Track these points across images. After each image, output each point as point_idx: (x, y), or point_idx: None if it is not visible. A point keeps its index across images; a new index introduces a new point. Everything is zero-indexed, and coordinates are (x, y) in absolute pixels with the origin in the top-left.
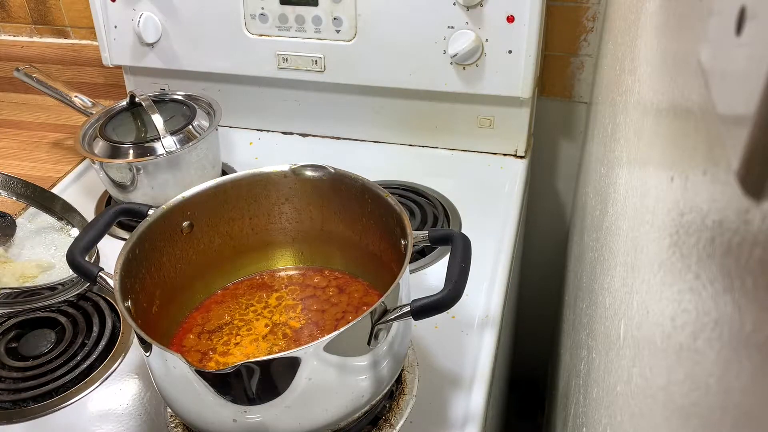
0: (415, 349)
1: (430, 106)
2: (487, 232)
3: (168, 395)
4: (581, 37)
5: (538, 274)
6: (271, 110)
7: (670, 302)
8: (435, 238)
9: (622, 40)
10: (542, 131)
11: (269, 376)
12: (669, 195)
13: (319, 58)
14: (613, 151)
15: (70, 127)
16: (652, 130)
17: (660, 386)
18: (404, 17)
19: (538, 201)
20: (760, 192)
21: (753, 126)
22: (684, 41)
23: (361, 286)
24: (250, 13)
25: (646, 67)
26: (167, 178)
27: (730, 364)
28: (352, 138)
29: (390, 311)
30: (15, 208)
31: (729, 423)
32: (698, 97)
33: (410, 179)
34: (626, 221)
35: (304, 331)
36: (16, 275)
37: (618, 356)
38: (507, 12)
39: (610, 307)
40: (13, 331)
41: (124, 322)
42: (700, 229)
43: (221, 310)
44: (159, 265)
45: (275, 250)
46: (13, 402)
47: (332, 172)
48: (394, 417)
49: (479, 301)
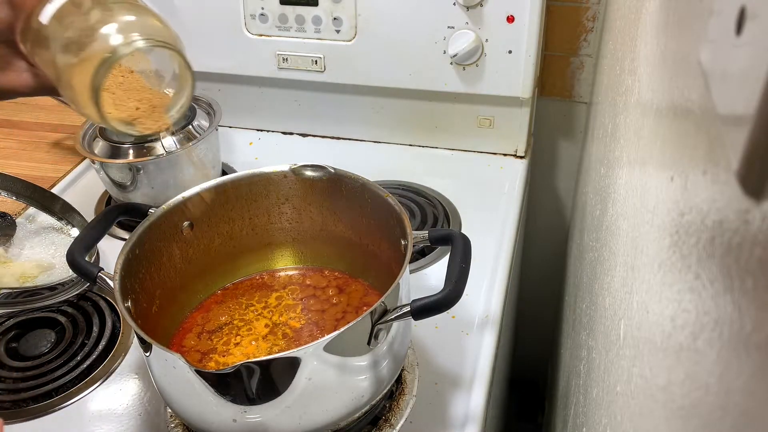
0: (415, 349)
1: (430, 106)
2: (487, 232)
3: (168, 395)
4: (581, 37)
5: (538, 274)
6: (271, 110)
7: (670, 302)
8: (435, 238)
9: (622, 40)
10: (542, 131)
11: (269, 376)
12: (669, 195)
13: (319, 58)
14: (613, 151)
15: (70, 127)
16: (652, 130)
17: (660, 386)
18: (404, 17)
19: (538, 201)
20: (760, 192)
21: (753, 126)
22: (684, 41)
23: (361, 286)
24: (250, 13)
25: (646, 67)
26: (167, 178)
27: (730, 364)
28: (352, 138)
29: (390, 311)
30: (15, 208)
31: (729, 423)
32: (698, 97)
33: (410, 179)
34: (626, 221)
35: (304, 331)
36: (16, 275)
37: (618, 356)
38: (507, 12)
39: (610, 307)
40: (13, 331)
41: (124, 322)
42: (700, 229)
43: (221, 310)
44: (159, 265)
45: (275, 250)
46: (13, 402)
47: (332, 172)
48: (394, 417)
49: (479, 301)
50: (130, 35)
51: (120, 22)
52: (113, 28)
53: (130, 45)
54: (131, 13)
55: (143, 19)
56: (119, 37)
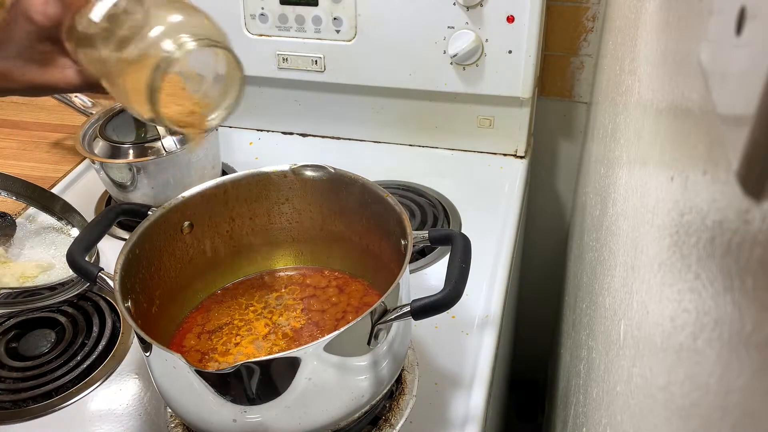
0: (415, 349)
1: (430, 106)
2: (487, 232)
3: (168, 395)
4: (581, 37)
5: (538, 274)
6: (271, 110)
7: (670, 302)
8: (435, 238)
9: (622, 40)
10: (542, 131)
11: (269, 376)
12: (669, 195)
13: (319, 58)
14: (613, 151)
15: (70, 127)
16: (652, 130)
17: (660, 386)
18: (404, 17)
19: (538, 201)
20: (760, 192)
21: (753, 126)
22: (684, 41)
23: (361, 286)
24: (250, 13)
25: (646, 67)
26: (167, 178)
27: (730, 364)
28: (352, 138)
29: (390, 311)
30: (15, 208)
31: (729, 423)
32: (698, 97)
33: (410, 179)
34: (626, 221)
35: (304, 331)
36: (16, 275)
37: (618, 356)
38: (507, 12)
39: (610, 307)
40: (13, 331)
41: (124, 322)
42: (700, 229)
43: (221, 310)
44: (159, 265)
45: (275, 250)
46: (13, 402)
47: (332, 172)
48: (394, 417)
49: (479, 301)
50: (182, 36)
51: (171, 23)
52: (165, 29)
53: (183, 47)
54: (181, 13)
55: (193, 19)
56: (173, 39)
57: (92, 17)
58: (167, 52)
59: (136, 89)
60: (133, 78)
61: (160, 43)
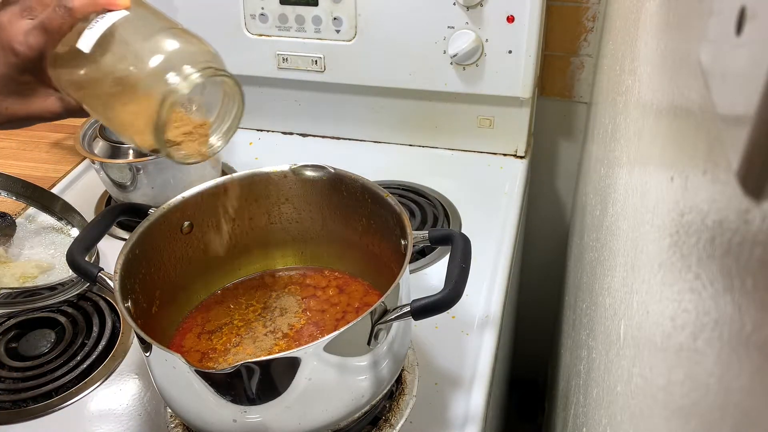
0: (415, 349)
1: (430, 106)
2: (487, 232)
3: (168, 395)
4: (581, 37)
5: (538, 274)
6: (271, 110)
7: (670, 302)
8: (435, 238)
9: (622, 40)
10: (542, 131)
11: (269, 376)
12: (669, 195)
13: (319, 58)
14: (613, 151)
15: (70, 127)
16: (652, 130)
17: (660, 386)
18: (404, 17)
19: (538, 201)
20: (760, 192)
21: (753, 126)
22: (684, 41)
23: (361, 286)
24: (250, 13)
25: (646, 67)
26: (167, 178)
27: (730, 364)
28: (352, 138)
29: (390, 311)
30: (15, 208)
31: (729, 423)
32: (698, 97)
33: (410, 179)
34: (626, 221)
35: (304, 331)
36: (16, 275)
37: (618, 356)
38: (507, 12)
39: (610, 307)
40: (13, 331)
41: (124, 322)
42: (700, 229)
43: (221, 310)
44: (159, 265)
45: (275, 250)
46: (13, 402)
47: (332, 172)
48: (394, 417)
49: (479, 301)
50: (186, 68)
51: (169, 52)
52: (165, 58)
53: (189, 79)
54: (176, 39)
55: (190, 45)
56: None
57: (80, 47)
58: (172, 85)
59: (136, 122)
60: (132, 109)
61: (163, 75)
